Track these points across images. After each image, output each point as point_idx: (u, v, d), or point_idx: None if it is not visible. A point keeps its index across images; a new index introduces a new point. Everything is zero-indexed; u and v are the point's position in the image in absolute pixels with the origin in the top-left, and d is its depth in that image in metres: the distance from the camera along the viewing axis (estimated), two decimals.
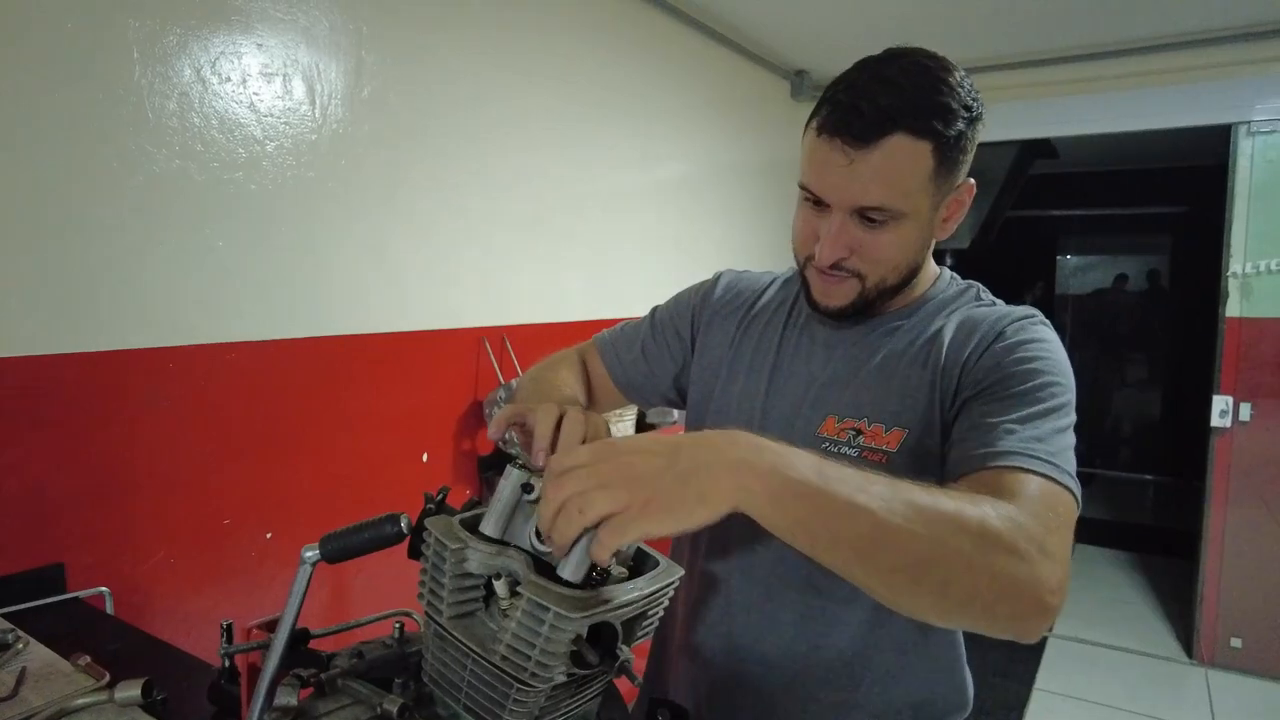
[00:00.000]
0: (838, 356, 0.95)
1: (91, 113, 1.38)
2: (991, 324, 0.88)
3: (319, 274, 1.76)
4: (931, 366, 0.88)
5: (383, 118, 1.87)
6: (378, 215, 1.88)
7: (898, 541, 0.60)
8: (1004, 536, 0.63)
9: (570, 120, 2.46)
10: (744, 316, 1.06)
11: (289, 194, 1.68)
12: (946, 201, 0.86)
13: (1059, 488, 0.72)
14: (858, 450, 0.88)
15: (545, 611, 0.62)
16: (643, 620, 0.72)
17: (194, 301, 1.54)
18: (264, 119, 1.63)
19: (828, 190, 0.84)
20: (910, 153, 0.79)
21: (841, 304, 0.90)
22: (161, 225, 1.48)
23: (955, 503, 0.63)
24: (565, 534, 0.60)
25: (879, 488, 0.62)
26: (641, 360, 1.10)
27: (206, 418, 1.57)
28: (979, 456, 0.75)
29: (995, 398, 0.80)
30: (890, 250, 0.86)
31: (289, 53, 1.66)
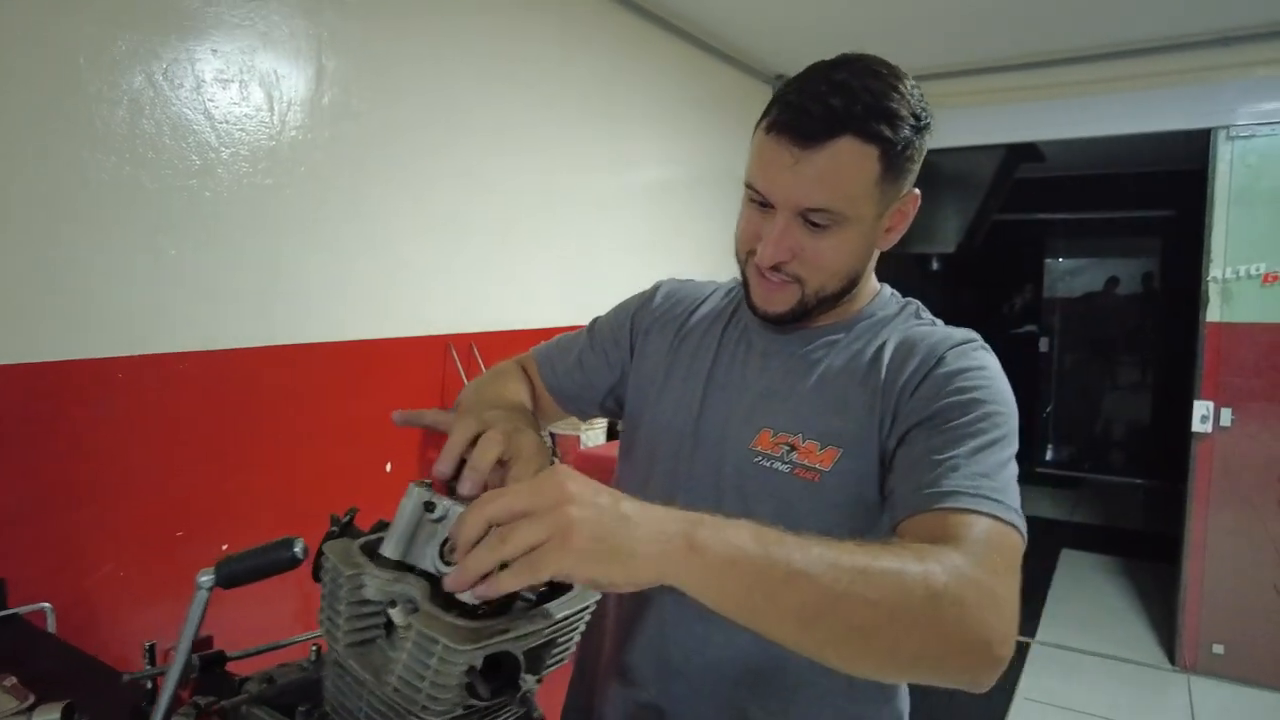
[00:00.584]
0: (774, 367, 0.93)
1: (36, 121, 1.36)
2: (931, 347, 0.86)
3: (277, 282, 1.74)
4: (871, 387, 0.86)
5: (345, 124, 1.85)
6: (339, 222, 1.86)
7: (843, 608, 0.59)
8: (950, 592, 0.61)
9: (543, 124, 2.45)
10: (682, 325, 1.04)
11: (245, 201, 1.66)
12: (891, 211, 0.86)
13: (1005, 526, 0.71)
14: (790, 466, 0.86)
15: (434, 643, 0.60)
16: (552, 648, 0.70)
17: (145, 311, 1.52)
18: (219, 125, 1.61)
19: (773, 190, 0.83)
20: (857, 156, 0.79)
21: (781, 310, 0.89)
22: (110, 233, 1.46)
23: (899, 561, 0.62)
24: (481, 562, 0.58)
25: (819, 551, 0.60)
26: (577, 370, 1.08)
27: (158, 429, 1.55)
28: (924, 497, 0.73)
29: (937, 429, 0.79)
30: (831, 256, 0.84)
31: (246, 59, 1.64)
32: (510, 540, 0.57)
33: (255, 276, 1.70)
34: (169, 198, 1.54)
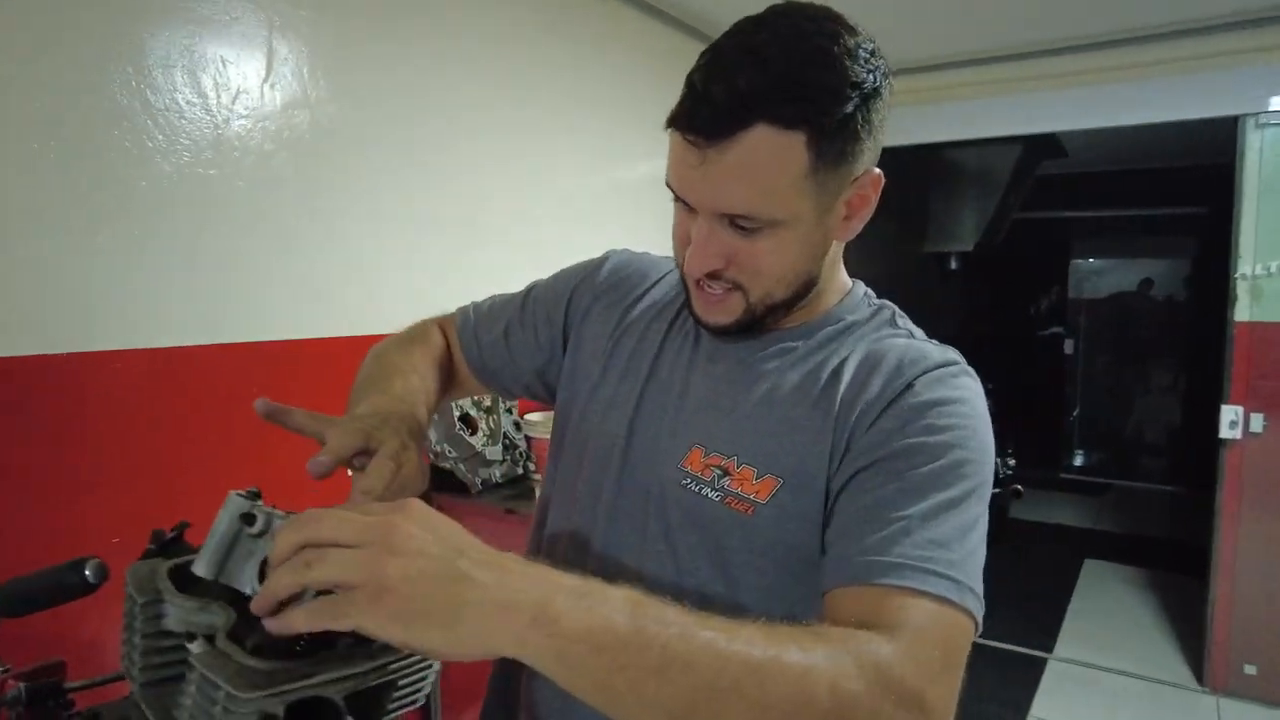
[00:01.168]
0: (718, 374, 0.80)
1: None
2: (900, 369, 0.72)
3: (220, 276, 1.66)
4: (824, 409, 0.73)
5: (298, 113, 1.77)
6: (289, 215, 1.78)
7: (725, 709, 0.49)
8: (862, 703, 0.51)
9: (515, 113, 2.36)
10: (626, 312, 0.91)
11: (186, 192, 1.59)
12: (844, 199, 0.71)
13: (956, 612, 0.59)
14: (721, 495, 0.73)
15: (216, 689, 0.50)
16: (391, 690, 0.60)
17: (72, 308, 1.45)
18: (158, 114, 1.53)
19: (685, 192, 0.70)
20: (775, 147, 0.64)
21: (724, 321, 0.76)
22: (36, 226, 1.39)
23: (804, 654, 0.51)
24: (279, 585, 0.50)
25: (709, 636, 0.51)
26: (502, 344, 0.96)
27: (86, 431, 1.47)
28: (862, 565, 0.61)
29: (893, 476, 0.66)
30: (771, 260, 0.71)
31: (186, 43, 1.57)
32: (315, 568, 0.49)
33: (196, 271, 1.62)
34: (102, 189, 1.47)
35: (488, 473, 2.09)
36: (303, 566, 0.50)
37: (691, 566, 0.75)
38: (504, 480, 2.13)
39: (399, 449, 0.69)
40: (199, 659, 0.52)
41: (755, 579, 0.72)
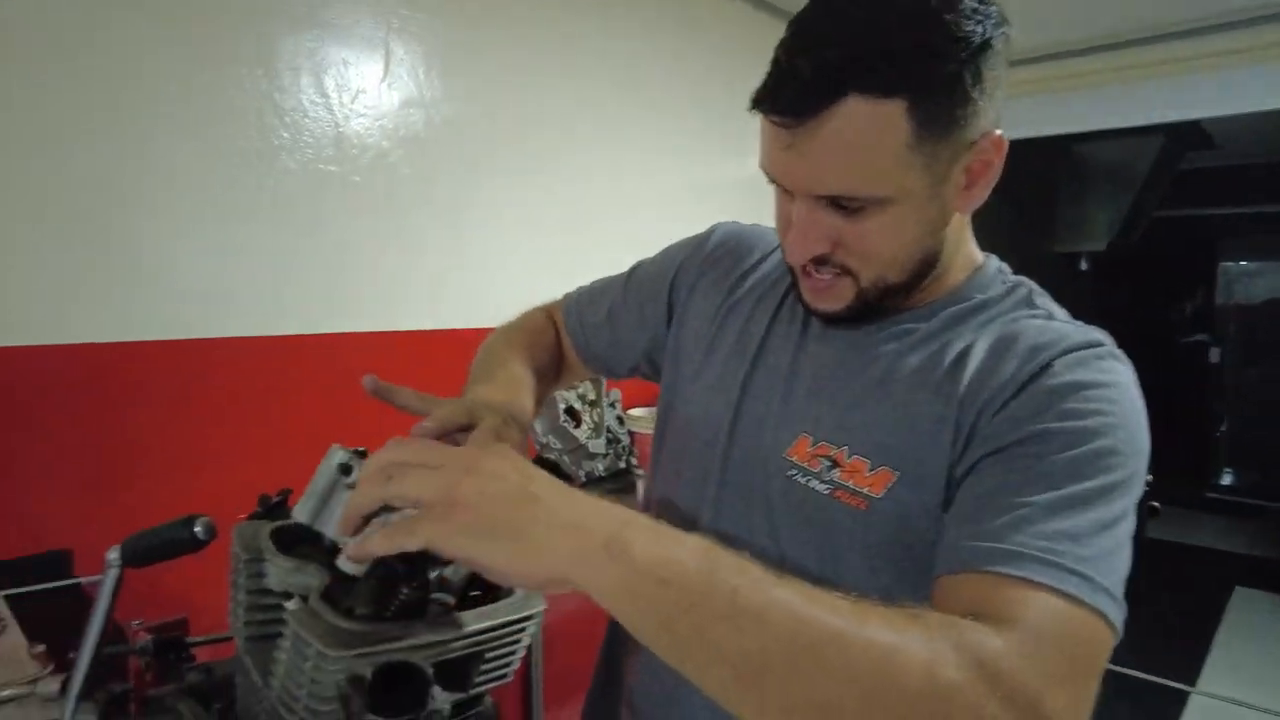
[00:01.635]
0: (829, 357, 0.75)
1: (106, 107, 1.40)
2: (1035, 350, 0.64)
3: (339, 269, 1.74)
4: (946, 395, 0.66)
5: (413, 112, 1.84)
6: (404, 210, 1.84)
7: (799, 672, 0.44)
8: (962, 695, 0.44)
9: (623, 112, 2.36)
10: (734, 288, 0.86)
11: (309, 188, 1.67)
12: (961, 166, 0.64)
13: (1085, 613, 0.51)
14: (830, 487, 0.68)
15: (307, 646, 0.51)
16: (479, 662, 0.60)
17: (204, 296, 1.55)
18: (284, 114, 1.62)
19: (778, 176, 0.66)
20: (871, 120, 0.59)
21: (835, 308, 0.71)
22: (175, 220, 1.50)
23: (895, 631, 0.45)
24: (362, 497, 0.51)
25: (785, 593, 0.46)
26: (605, 326, 0.94)
27: (211, 409, 1.57)
28: (973, 551, 0.54)
29: (1021, 464, 0.58)
30: (879, 241, 0.65)
31: (311, 46, 1.65)
32: (395, 483, 0.50)
33: (320, 264, 1.70)
34: (236, 186, 1.56)
35: (591, 465, 2.10)
36: (384, 480, 0.50)
37: (799, 563, 0.70)
38: (607, 474, 2.14)
39: (500, 425, 0.69)
40: (293, 616, 0.53)
41: (868, 579, 0.66)
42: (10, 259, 1.33)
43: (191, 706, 0.65)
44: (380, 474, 0.51)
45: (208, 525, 0.62)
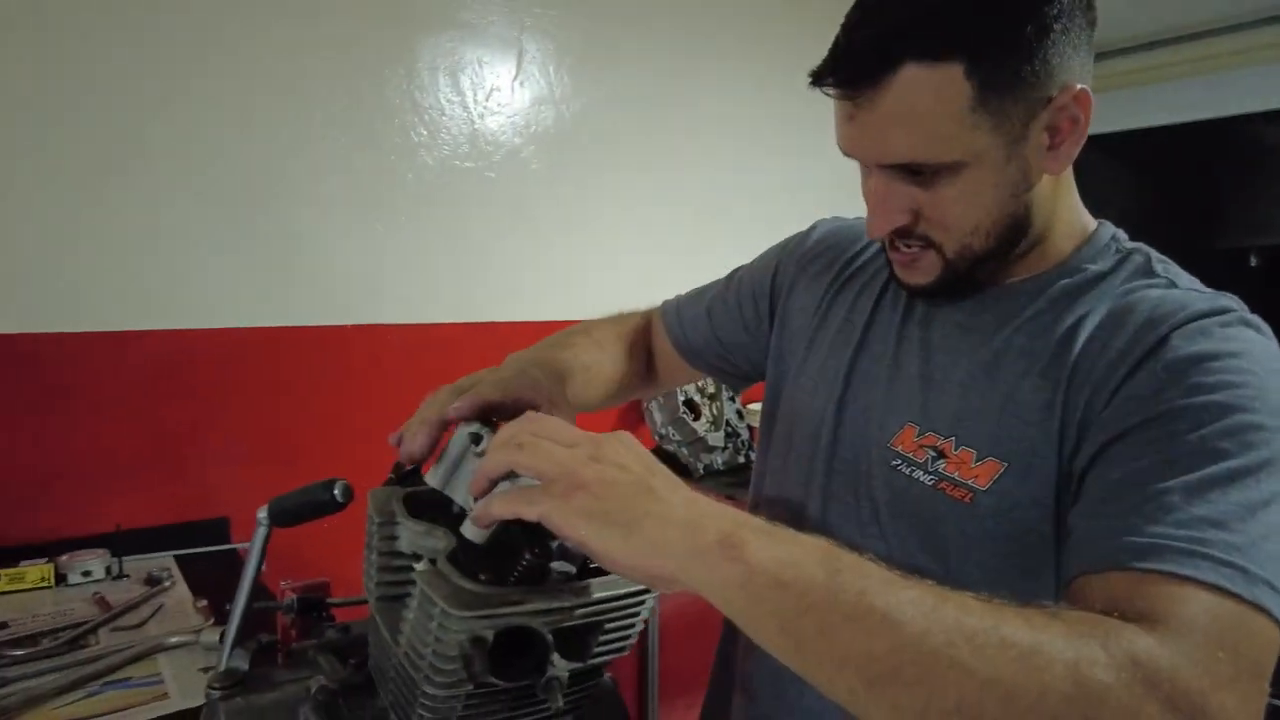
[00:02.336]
0: (934, 341, 0.72)
1: (273, 108, 1.52)
2: (1153, 322, 0.59)
3: (474, 260, 1.81)
4: (1055, 380, 0.62)
5: (544, 109, 1.88)
6: (535, 204, 1.90)
7: (933, 675, 0.41)
8: (1115, 697, 0.40)
9: (753, 107, 2.33)
10: (838, 276, 0.84)
11: (445, 183, 1.74)
12: (1041, 124, 0.61)
13: (1245, 608, 0.45)
14: (935, 478, 0.66)
15: (433, 605, 0.53)
16: (597, 633, 0.60)
17: (354, 286, 1.64)
18: (423, 112, 1.70)
19: (847, 149, 0.65)
20: (929, 85, 0.58)
21: (923, 282, 0.69)
22: (327, 212, 1.60)
23: (1036, 631, 0.42)
24: (492, 461, 0.53)
25: (915, 594, 0.43)
26: (704, 320, 0.93)
27: (358, 389, 1.66)
28: (1111, 548, 0.50)
29: (1150, 448, 0.54)
30: (958, 209, 0.63)
31: (449, 46, 1.72)
32: (524, 452, 0.51)
33: (454, 258, 1.78)
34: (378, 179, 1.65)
35: (710, 458, 2.09)
36: (515, 448, 0.51)
37: (904, 557, 0.68)
38: (725, 468, 2.12)
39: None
40: (420, 577, 0.54)
41: (977, 572, 0.63)
42: (187, 249, 1.46)
43: (329, 660, 0.69)
44: (512, 442, 0.52)
45: (345, 488, 0.65)
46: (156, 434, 1.46)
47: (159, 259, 1.45)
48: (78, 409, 1.39)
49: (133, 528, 1.38)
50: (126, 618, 1.15)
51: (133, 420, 1.44)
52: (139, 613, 1.18)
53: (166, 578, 1.29)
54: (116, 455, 1.43)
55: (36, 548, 1.31)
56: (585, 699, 0.64)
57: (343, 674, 0.66)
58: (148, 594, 1.23)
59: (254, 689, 0.67)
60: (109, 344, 1.41)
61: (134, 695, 0.94)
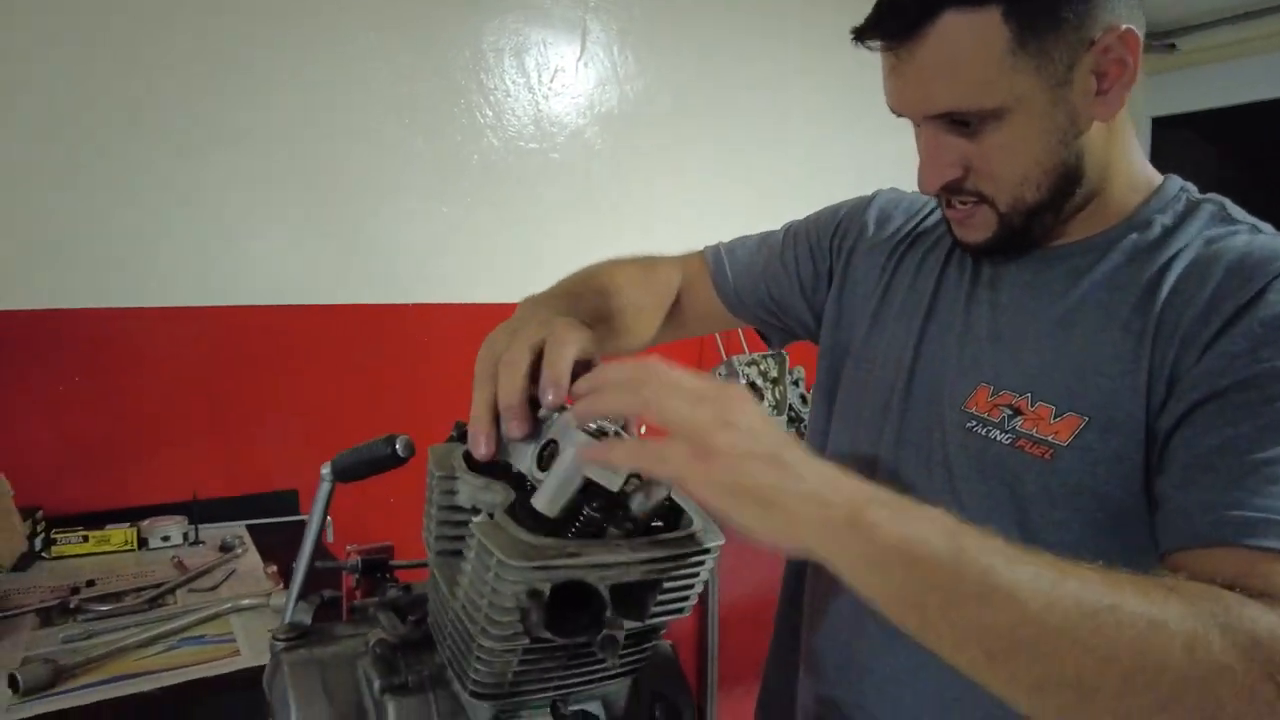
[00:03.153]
0: (1003, 302, 0.70)
1: (337, 96, 1.55)
2: (1244, 271, 0.57)
3: (536, 240, 1.82)
4: (1138, 333, 0.60)
5: (607, 89, 1.88)
6: (598, 184, 1.89)
7: (1053, 651, 0.42)
8: (1233, 676, 0.41)
9: (817, 86, 2.28)
10: (899, 244, 0.83)
11: (510, 164, 1.75)
12: (1086, 68, 0.60)
13: None
14: (1012, 436, 0.64)
15: (489, 556, 0.52)
16: (654, 591, 0.58)
17: (418, 265, 1.67)
18: (489, 93, 1.71)
19: (895, 104, 0.66)
20: (969, 31, 0.58)
21: (980, 238, 0.68)
22: (392, 193, 1.62)
23: (1154, 606, 0.42)
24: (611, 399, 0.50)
25: (1035, 570, 0.44)
26: (757, 271, 0.90)
27: (420, 362, 1.69)
28: (1215, 523, 0.50)
29: (1246, 412, 0.53)
30: (1005, 158, 0.63)
31: (515, 27, 1.73)
32: (652, 400, 0.47)
33: (519, 238, 1.79)
34: (443, 161, 1.67)
35: None
36: (633, 393, 0.48)
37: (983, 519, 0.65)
38: None
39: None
40: (478, 528, 0.54)
41: (1057, 533, 0.62)
42: (260, 230, 1.51)
43: (390, 617, 0.69)
44: (631, 386, 0.49)
45: (406, 443, 0.66)
46: (230, 409, 1.51)
47: (235, 240, 1.49)
48: (157, 384, 1.45)
49: (208, 497, 1.43)
50: (202, 580, 1.19)
51: (208, 395, 1.49)
52: (213, 576, 1.22)
53: (238, 545, 1.33)
54: (193, 428, 1.48)
55: (121, 513, 1.37)
56: (642, 661, 0.63)
57: (402, 630, 0.67)
58: (221, 559, 1.27)
59: (316, 642, 0.68)
60: (187, 320, 1.46)
61: (208, 651, 0.97)
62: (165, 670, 0.92)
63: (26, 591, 1.14)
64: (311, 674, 0.65)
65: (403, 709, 0.61)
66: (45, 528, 1.29)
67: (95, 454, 1.40)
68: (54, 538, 1.28)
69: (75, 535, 1.28)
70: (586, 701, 0.63)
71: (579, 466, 0.52)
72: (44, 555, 1.27)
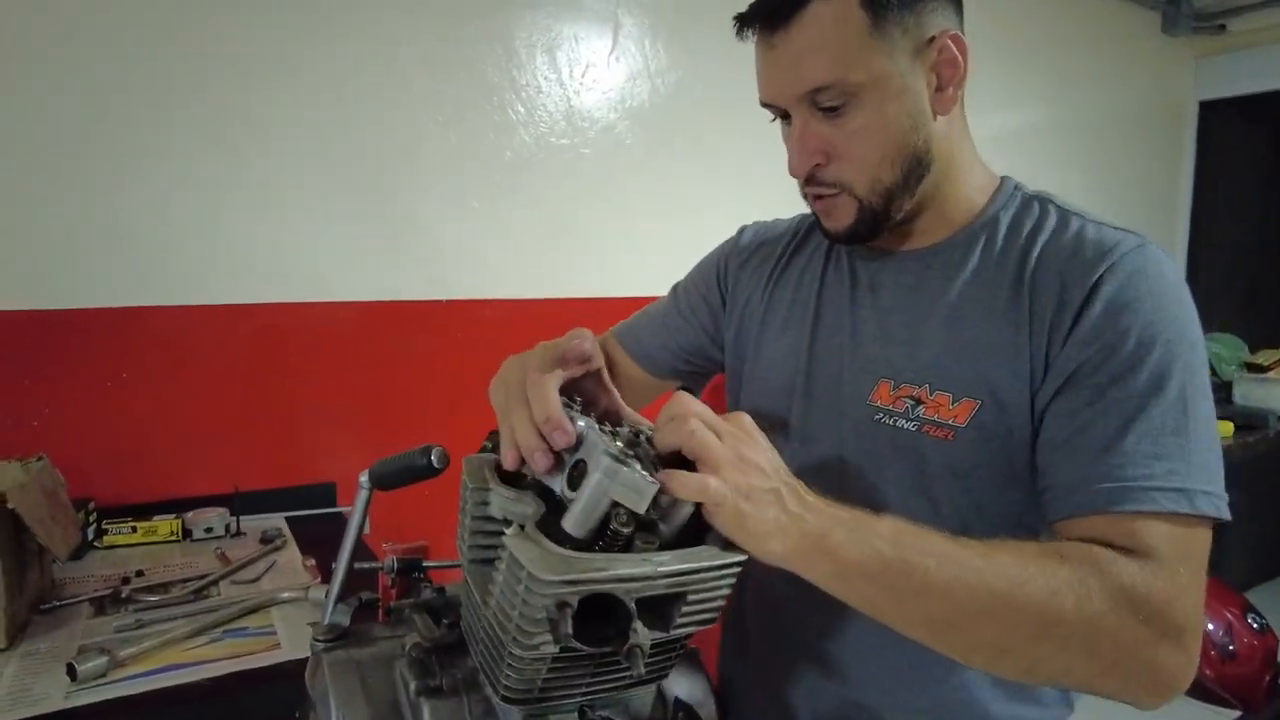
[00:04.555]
0: (886, 304, 0.79)
1: (372, 92, 1.57)
2: (1085, 264, 0.68)
3: (567, 237, 1.83)
4: (1016, 322, 0.70)
5: (638, 83, 1.87)
6: (629, 179, 1.90)
7: (976, 626, 0.57)
8: (1107, 625, 0.56)
9: None
10: (777, 263, 0.91)
11: (541, 160, 1.76)
12: (927, 65, 0.70)
13: (1193, 522, 0.61)
14: (917, 424, 0.73)
15: (520, 569, 0.54)
16: (680, 603, 0.60)
17: (449, 261, 1.69)
18: (520, 89, 1.72)
19: (768, 92, 0.75)
20: (833, 15, 0.68)
21: (843, 225, 0.76)
22: (421, 190, 1.65)
23: (1051, 578, 0.57)
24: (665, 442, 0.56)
25: (959, 565, 0.57)
26: (661, 332, 0.98)
27: (452, 359, 1.72)
28: (1087, 496, 0.63)
29: (1095, 393, 0.64)
30: (864, 138, 0.71)
31: (546, 23, 1.74)
32: (696, 435, 0.54)
33: (548, 234, 1.80)
34: (469, 157, 1.69)
35: None
36: (681, 428, 0.55)
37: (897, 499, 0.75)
38: None
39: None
40: (510, 541, 0.56)
41: (961, 499, 0.73)
42: (298, 227, 1.54)
43: (424, 619, 0.72)
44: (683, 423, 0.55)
45: (441, 454, 0.67)
46: (270, 403, 1.55)
47: (272, 238, 1.53)
48: (201, 379, 1.49)
49: (249, 490, 1.47)
50: (244, 572, 1.23)
51: (249, 390, 1.53)
52: (255, 568, 1.26)
53: (279, 537, 1.37)
54: (235, 422, 1.52)
55: (167, 504, 1.42)
56: (668, 668, 0.65)
57: (437, 634, 0.69)
58: (262, 551, 1.31)
59: (354, 643, 0.70)
60: (228, 317, 1.50)
61: (250, 644, 1.01)
62: (211, 661, 0.96)
63: (82, 580, 1.18)
64: (350, 674, 0.68)
65: (437, 711, 0.63)
66: (97, 518, 1.34)
67: (142, 447, 1.45)
68: (105, 528, 1.33)
69: (125, 526, 1.33)
70: (613, 706, 0.65)
71: (605, 489, 0.54)
72: (96, 545, 1.32)
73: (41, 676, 0.91)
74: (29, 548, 1.07)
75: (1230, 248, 3.54)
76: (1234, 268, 3.60)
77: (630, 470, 0.53)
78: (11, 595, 0.99)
